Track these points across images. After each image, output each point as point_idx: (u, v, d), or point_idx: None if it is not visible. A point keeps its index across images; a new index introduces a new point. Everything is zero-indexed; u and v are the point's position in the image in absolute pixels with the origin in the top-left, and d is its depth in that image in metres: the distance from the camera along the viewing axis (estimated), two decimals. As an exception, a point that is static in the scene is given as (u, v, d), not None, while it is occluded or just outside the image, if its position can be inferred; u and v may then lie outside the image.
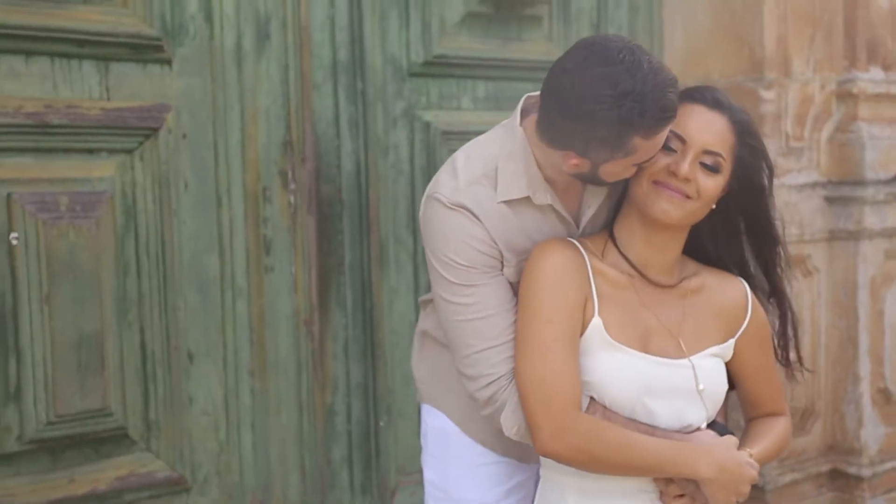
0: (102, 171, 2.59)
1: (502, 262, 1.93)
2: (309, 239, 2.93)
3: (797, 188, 3.56)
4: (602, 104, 1.72)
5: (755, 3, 3.48)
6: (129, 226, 2.64)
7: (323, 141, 2.96)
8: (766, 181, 1.99)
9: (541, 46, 3.45)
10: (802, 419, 3.66)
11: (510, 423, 1.90)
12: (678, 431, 1.92)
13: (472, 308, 1.89)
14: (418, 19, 3.15)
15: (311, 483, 2.99)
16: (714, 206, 1.97)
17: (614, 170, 1.85)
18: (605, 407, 1.89)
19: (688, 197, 1.90)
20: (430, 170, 3.09)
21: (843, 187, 3.65)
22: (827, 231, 3.64)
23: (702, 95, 1.94)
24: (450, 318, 1.91)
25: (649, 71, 1.74)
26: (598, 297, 1.91)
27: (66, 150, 2.55)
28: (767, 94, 3.48)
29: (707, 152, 1.90)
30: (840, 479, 3.72)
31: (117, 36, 2.59)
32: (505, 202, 1.93)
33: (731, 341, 2.02)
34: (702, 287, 2.02)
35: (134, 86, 2.65)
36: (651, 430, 1.89)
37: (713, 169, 1.91)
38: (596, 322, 1.89)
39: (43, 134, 2.50)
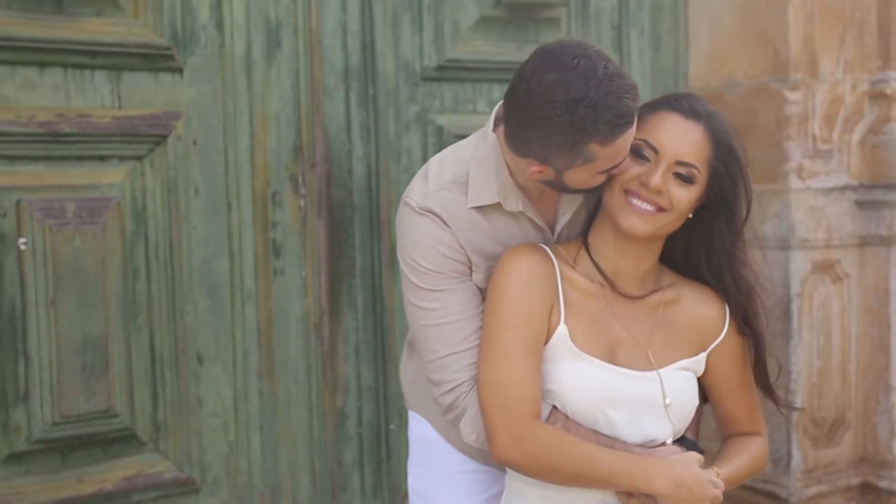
0: (113, 177, 2.66)
1: (471, 268, 1.93)
2: (319, 242, 2.96)
3: (824, 192, 3.48)
4: (555, 110, 1.72)
5: (779, 2, 3.41)
6: (139, 231, 2.71)
7: (334, 145, 2.99)
8: (740, 195, 1.94)
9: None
10: (832, 430, 3.58)
11: (469, 430, 1.90)
12: (642, 445, 1.90)
13: (437, 313, 1.90)
14: (431, 24, 3.16)
15: (321, 485, 3.02)
16: (690, 216, 1.94)
17: (579, 177, 1.84)
18: (566, 416, 1.87)
19: (661, 209, 1.87)
20: (444, 174, 3.10)
21: (875, 191, 3.55)
22: (857, 236, 3.55)
23: (678, 103, 1.91)
24: (416, 323, 1.93)
25: (604, 77, 1.72)
26: (565, 304, 1.89)
27: (78, 158, 2.63)
28: (792, 96, 3.42)
29: (680, 163, 1.87)
30: (871, 494, 3.63)
31: (128, 46, 2.66)
32: (476, 208, 1.94)
33: (703, 355, 1.99)
34: (677, 299, 1.99)
35: (146, 94, 2.71)
36: (612, 441, 1.87)
37: (687, 180, 1.88)
38: (561, 330, 1.88)
39: (54, 142, 2.57)
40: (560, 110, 1.72)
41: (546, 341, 1.88)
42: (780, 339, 3.47)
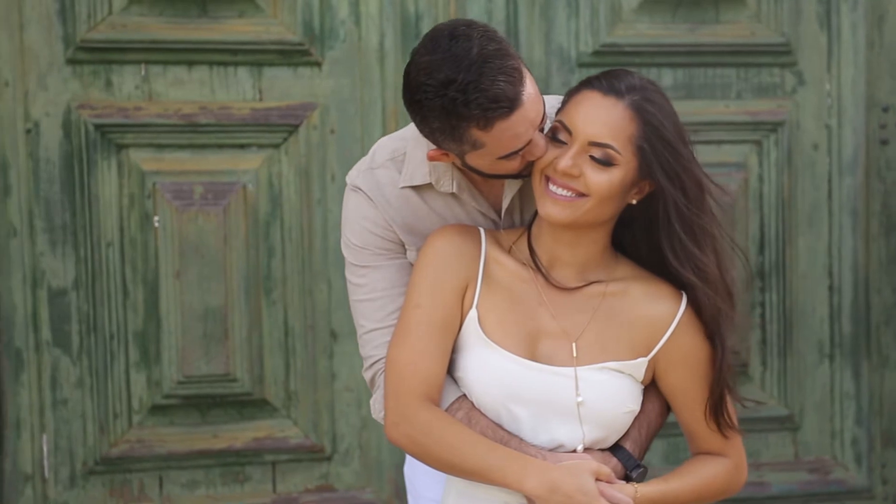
0: (249, 164, 2.93)
1: (404, 246, 1.91)
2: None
3: None
4: (426, 94, 1.68)
5: None
6: (275, 213, 2.95)
7: (477, 134, 3.02)
8: (674, 179, 1.72)
9: (744, 29, 3.19)
10: None
11: (378, 407, 1.88)
12: (553, 450, 1.76)
13: (363, 289, 1.90)
14: (588, 8, 3.09)
15: (455, 468, 3.07)
16: (633, 202, 1.78)
17: (481, 163, 1.77)
18: (471, 406, 1.78)
19: (581, 195, 1.73)
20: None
21: None
22: None
23: (599, 81, 1.75)
24: (350, 298, 1.94)
25: (478, 59, 1.64)
26: (484, 288, 1.79)
27: (220, 146, 2.93)
28: None
29: (594, 144, 1.71)
30: None
31: (263, 44, 2.92)
32: (412, 188, 1.91)
33: (643, 360, 1.78)
34: (622, 293, 1.80)
35: (285, 87, 2.96)
36: (508, 438, 1.75)
37: (603, 162, 1.71)
38: (472, 315, 1.78)
39: (194, 132, 2.90)
40: (430, 94, 1.67)
41: (461, 325, 1.80)
42: None
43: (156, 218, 2.86)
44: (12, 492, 2.85)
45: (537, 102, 1.73)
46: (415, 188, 1.91)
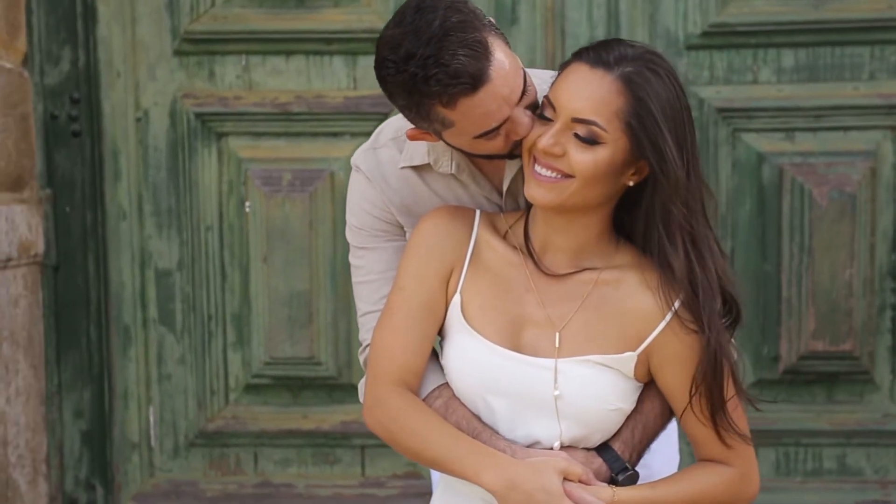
0: (340, 151, 2.96)
1: (403, 228, 1.85)
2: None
3: None
4: (388, 69, 1.60)
5: None
6: (365, 201, 2.97)
7: (576, 120, 2.92)
8: (664, 159, 1.56)
9: (879, 2, 2.91)
10: None
11: (363, 392, 1.83)
12: (531, 446, 1.66)
13: (360, 270, 1.86)
14: (701, -13, 2.91)
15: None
16: (630, 185, 1.63)
17: (458, 142, 1.68)
18: (451, 395, 1.71)
19: (566, 176, 1.60)
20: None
21: None
22: None
23: (587, 52, 1.60)
24: (351, 280, 1.91)
25: (439, 32, 1.55)
26: (470, 273, 1.70)
27: (314, 134, 2.99)
28: None
29: (577, 120, 1.57)
30: None
31: (355, 32, 2.94)
32: (413, 168, 1.84)
33: (630, 355, 1.64)
34: (615, 282, 1.66)
35: (380, 75, 2.96)
36: (480, 429, 1.66)
37: (588, 141, 1.57)
38: (455, 300, 1.70)
39: (288, 120, 2.97)
40: (392, 69, 1.60)
41: (447, 310, 1.73)
42: None
43: (247, 203, 2.96)
44: (120, 458, 3.05)
45: (513, 78, 1.62)
46: (415, 169, 1.85)
